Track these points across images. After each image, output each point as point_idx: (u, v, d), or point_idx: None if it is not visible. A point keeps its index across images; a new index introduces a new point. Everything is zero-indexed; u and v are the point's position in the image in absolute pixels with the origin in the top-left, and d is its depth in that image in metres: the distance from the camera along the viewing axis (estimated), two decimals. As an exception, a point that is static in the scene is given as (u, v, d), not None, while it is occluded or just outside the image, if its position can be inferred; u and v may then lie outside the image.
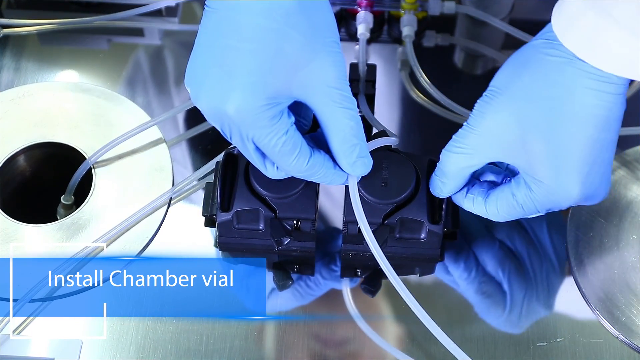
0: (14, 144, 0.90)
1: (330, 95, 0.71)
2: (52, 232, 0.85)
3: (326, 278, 0.84)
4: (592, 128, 0.71)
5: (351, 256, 0.84)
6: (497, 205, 0.77)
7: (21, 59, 0.98)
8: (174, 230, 0.86)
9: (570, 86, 0.71)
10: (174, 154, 0.91)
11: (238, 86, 0.69)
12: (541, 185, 0.73)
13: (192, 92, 0.72)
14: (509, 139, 0.73)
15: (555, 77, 0.71)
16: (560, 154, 0.72)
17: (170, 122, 0.92)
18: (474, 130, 0.74)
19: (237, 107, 0.69)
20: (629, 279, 0.83)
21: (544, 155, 0.72)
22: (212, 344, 0.80)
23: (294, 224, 0.80)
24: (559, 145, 0.71)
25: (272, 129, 0.71)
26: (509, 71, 0.74)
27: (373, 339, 0.81)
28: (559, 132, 0.71)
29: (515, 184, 0.75)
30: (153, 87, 0.97)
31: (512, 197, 0.75)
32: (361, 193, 0.79)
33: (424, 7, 1.00)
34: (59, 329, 0.80)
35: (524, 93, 0.72)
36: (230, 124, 0.71)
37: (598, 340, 0.80)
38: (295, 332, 0.80)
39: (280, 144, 0.71)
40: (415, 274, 0.84)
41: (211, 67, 0.70)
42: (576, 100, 0.71)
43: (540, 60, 0.72)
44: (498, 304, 0.82)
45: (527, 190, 0.74)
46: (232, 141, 0.73)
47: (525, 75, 0.72)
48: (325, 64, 0.71)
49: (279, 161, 0.73)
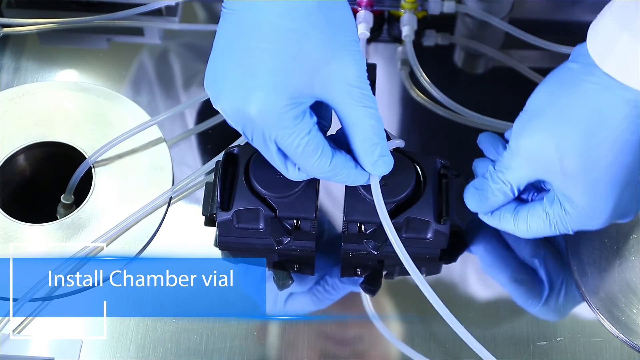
0: (13, 143, 0.90)
1: (351, 94, 0.71)
2: (52, 231, 0.85)
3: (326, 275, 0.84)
4: (627, 153, 0.72)
5: (351, 255, 0.84)
6: (528, 222, 0.78)
7: (21, 59, 0.98)
8: (174, 229, 0.86)
9: (606, 113, 0.72)
10: (174, 154, 0.91)
11: (260, 86, 0.69)
12: (575, 206, 0.75)
13: (212, 94, 0.71)
14: (547, 159, 0.75)
15: (591, 103, 0.72)
16: (595, 177, 0.73)
17: (171, 121, 0.92)
18: (514, 152, 0.76)
19: (260, 107, 0.69)
20: (628, 279, 0.83)
21: (580, 177, 0.74)
22: (212, 343, 0.80)
23: (294, 223, 0.80)
24: (594, 169, 0.73)
25: (295, 129, 0.71)
26: (546, 93, 0.75)
27: (374, 338, 0.81)
28: (595, 156, 0.73)
29: (548, 203, 0.77)
30: (153, 86, 0.97)
31: (545, 216, 0.77)
32: (361, 192, 0.79)
33: (424, 6, 1.00)
34: (59, 328, 0.80)
35: (560, 117, 0.74)
36: (253, 125, 0.70)
37: (598, 339, 0.80)
38: (295, 331, 0.80)
39: (303, 145, 0.71)
40: (422, 273, 0.84)
41: (232, 69, 0.70)
42: (612, 126, 0.72)
43: (577, 84, 0.73)
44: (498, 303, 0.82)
45: (560, 210, 0.76)
46: (254, 143, 0.72)
47: (562, 99, 0.74)
48: (346, 62, 0.70)
49: (302, 162, 0.73)
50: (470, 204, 0.80)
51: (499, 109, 0.94)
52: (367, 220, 0.79)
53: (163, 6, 1.01)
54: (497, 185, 0.78)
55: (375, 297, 0.83)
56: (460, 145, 0.92)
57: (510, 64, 0.99)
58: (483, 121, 0.93)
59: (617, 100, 0.71)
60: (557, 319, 0.82)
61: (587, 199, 0.75)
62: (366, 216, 0.79)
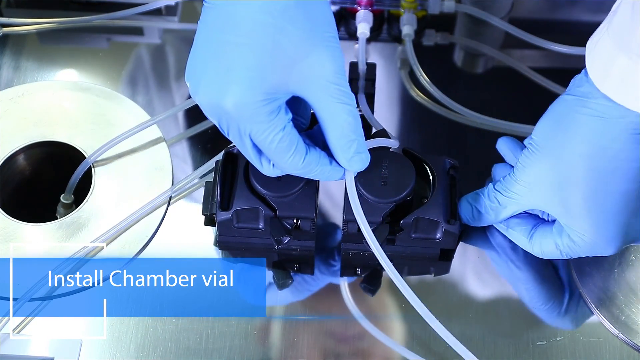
0: (13, 143, 0.90)
1: (328, 90, 0.71)
2: (51, 231, 0.85)
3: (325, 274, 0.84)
4: (626, 181, 0.73)
5: (351, 255, 0.84)
6: (542, 247, 0.80)
7: (21, 58, 0.98)
8: (174, 229, 0.86)
9: (602, 144, 0.72)
10: (174, 153, 0.91)
11: (236, 81, 0.69)
12: (582, 237, 0.76)
13: (191, 87, 0.72)
14: (547, 192, 0.76)
15: (587, 136, 0.73)
16: (598, 208, 0.74)
17: (170, 121, 0.92)
18: (517, 180, 0.78)
19: (235, 101, 0.69)
20: (628, 278, 0.83)
21: (582, 209, 0.75)
22: (211, 342, 0.80)
23: (293, 222, 0.80)
24: (596, 200, 0.74)
25: (269, 125, 0.71)
26: (545, 127, 0.76)
27: (375, 337, 0.81)
28: (595, 187, 0.73)
29: (557, 233, 0.78)
30: (153, 86, 0.97)
31: (555, 246, 0.78)
32: (361, 192, 0.79)
33: (424, 5, 1.00)
34: (59, 328, 0.80)
35: (559, 151, 0.74)
36: (228, 119, 0.71)
37: (598, 339, 0.80)
38: (295, 330, 0.80)
39: (277, 141, 0.71)
40: (430, 273, 0.84)
41: (209, 62, 0.70)
42: (610, 157, 0.72)
43: (572, 118, 0.74)
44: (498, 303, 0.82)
45: (569, 241, 0.77)
46: (230, 137, 0.73)
47: (559, 133, 0.75)
48: (323, 58, 0.70)
49: (275, 158, 0.73)
50: (464, 215, 0.82)
51: (498, 108, 0.94)
52: (367, 220, 0.79)
53: (163, 6, 1.01)
54: (493, 204, 0.80)
55: (375, 296, 0.83)
56: (460, 144, 0.92)
57: (510, 64, 0.99)
58: (483, 121, 0.93)
59: (613, 130, 0.72)
60: (557, 318, 0.82)
61: (592, 231, 0.75)
62: (366, 216, 0.79)
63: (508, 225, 0.81)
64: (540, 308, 0.82)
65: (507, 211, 0.80)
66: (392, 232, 0.80)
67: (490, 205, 0.80)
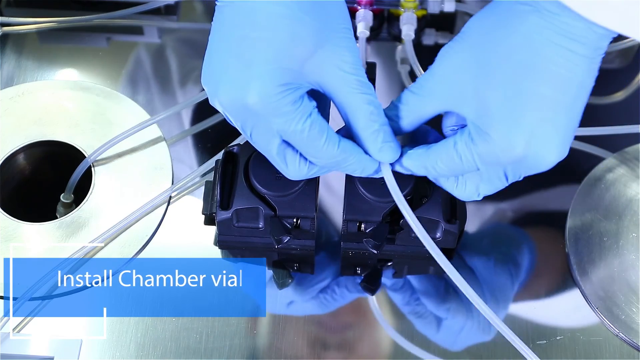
0: (13, 142, 0.90)
1: (347, 81, 0.71)
2: (51, 230, 0.85)
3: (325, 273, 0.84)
4: (547, 84, 0.68)
5: (351, 254, 0.84)
6: (436, 153, 0.73)
7: (21, 58, 0.98)
8: (174, 228, 0.86)
9: (530, 35, 0.67)
10: (174, 152, 0.91)
11: (257, 75, 0.69)
12: (484, 136, 0.69)
13: (209, 90, 0.71)
14: (462, 84, 0.70)
15: (516, 24, 0.68)
16: (509, 105, 0.68)
17: (170, 120, 0.92)
18: (432, 73, 0.72)
19: (258, 96, 0.69)
20: (628, 277, 0.83)
21: (493, 104, 0.68)
22: (211, 342, 0.80)
23: (293, 222, 0.80)
24: (508, 96, 0.68)
25: (296, 113, 0.70)
26: (476, 18, 0.71)
27: (375, 337, 0.81)
28: (511, 81, 0.68)
29: (460, 135, 0.72)
30: (153, 85, 0.97)
31: (452, 146, 0.72)
32: (360, 191, 0.79)
33: (424, 5, 1.00)
34: (59, 327, 0.80)
35: (482, 38, 0.69)
36: (254, 117, 0.70)
37: (598, 338, 0.80)
38: (295, 330, 0.80)
39: (307, 128, 0.70)
40: (430, 272, 0.84)
41: (229, 61, 0.70)
42: (533, 51, 0.67)
43: (506, 7, 0.69)
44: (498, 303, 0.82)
45: (468, 140, 0.71)
46: (254, 139, 0.72)
47: (488, 21, 0.70)
48: (340, 49, 0.70)
49: (309, 148, 0.71)
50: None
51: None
52: (367, 219, 0.79)
53: (162, 5, 1.01)
54: (406, 106, 0.73)
55: (375, 296, 0.83)
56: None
57: (510, 63, 0.99)
58: (483, 120, 0.92)
59: (545, 25, 0.67)
60: (557, 318, 0.82)
61: (496, 128, 0.69)
62: (366, 215, 0.79)
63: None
64: (540, 307, 0.82)
65: (414, 114, 0.73)
66: (392, 232, 0.80)
67: (403, 108, 0.73)
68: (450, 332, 0.81)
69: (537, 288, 0.83)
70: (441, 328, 0.81)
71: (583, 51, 0.67)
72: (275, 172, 0.80)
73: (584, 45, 0.66)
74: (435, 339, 0.80)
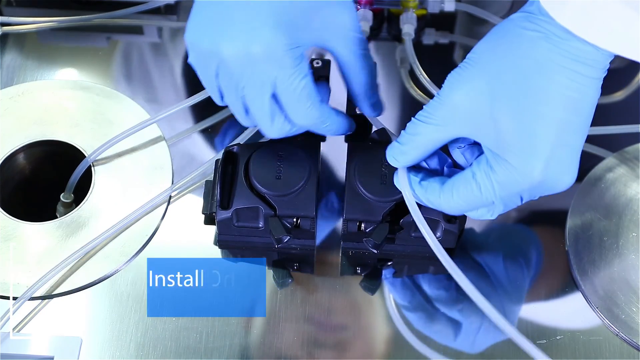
0: (13, 142, 0.90)
1: (350, 39, 0.75)
2: (51, 230, 0.85)
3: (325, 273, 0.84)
4: (561, 108, 0.69)
5: (351, 254, 0.84)
6: (454, 189, 0.74)
7: (21, 57, 0.98)
8: (174, 228, 0.86)
9: (542, 61, 0.69)
10: (174, 152, 0.91)
11: (266, 26, 0.71)
12: (503, 164, 0.71)
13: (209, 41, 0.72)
14: (477, 111, 0.71)
15: (528, 51, 0.69)
16: (525, 130, 0.69)
17: (170, 120, 0.92)
18: (443, 101, 0.73)
19: (266, 45, 0.71)
20: (628, 277, 0.83)
21: (509, 131, 0.70)
22: (211, 342, 0.80)
23: (293, 221, 0.80)
24: (524, 121, 0.69)
25: (295, 69, 0.73)
26: (485, 44, 0.72)
27: (375, 338, 0.81)
28: (526, 106, 0.69)
29: (477, 164, 0.73)
30: (153, 85, 0.97)
31: (471, 177, 0.73)
32: (360, 191, 0.79)
33: (424, 4, 1.00)
34: (59, 327, 0.80)
35: (495, 65, 0.70)
36: (254, 66, 0.72)
37: (598, 338, 0.80)
38: (296, 330, 0.80)
39: (301, 87, 0.73)
40: (430, 272, 0.84)
41: (233, 12, 0.72)
42: (547, 77, 0.69)
43: (515, 33, 0.70)
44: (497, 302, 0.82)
45: (487, 168, 0.72)
46: (248, 90, 0.73)
47: (499, 48, 0.71)
48: (343, 9, 0.75)
49: (295, 107, 0.74)
50: (390, 157, 0.76)
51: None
52: (367, 219, 0.79)
53: (162, 5, 1.01)
54: (413, 136, 0.74)
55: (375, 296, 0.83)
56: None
57: (510, 62, 0.99)
58: (483, 119, 0.92)
59: (555, 50, 0.68)
60: (557, 317, 0.82)
61: (515, 155, 0.70)
62: (366, 215, 0.79)
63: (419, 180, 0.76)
64: (540, 307, 0.82)
65: (427, 143, 0.74)
66: (392, 231, 0.80)
67: (416, 139, 0.74)
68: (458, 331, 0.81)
69: (537, 288, 0.83)
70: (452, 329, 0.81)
71: (592, 73, 0.69)
72: (275, 171, 0.80)
73: (592, 67, 0.69)
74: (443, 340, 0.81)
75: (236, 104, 0.76)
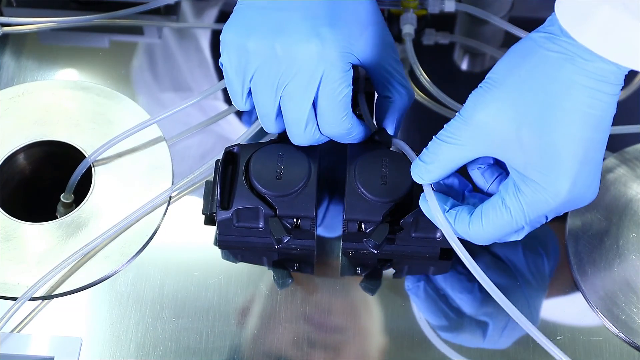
0: (13, 142, 0.90)
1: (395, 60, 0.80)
2: (52, 230, 0.85)
3: (325, 273, 0.84)
4: (586, 126, 0.70)
5: (351, 254, 0.84)
6: (484, 216, 0.74)
7: (21, 58, 0.98)
8: (174, 228, 0.86)
9: (567, 83, 0.70)
10: (174, 152, 0.91)
11: (325, 25, 0.74)
12: (530, 183, 0.72)
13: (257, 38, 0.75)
14: (502, 132, 0.72)
15: (553, 73, 0.70)
16: (552, 150, 0.71)
17: (170, 120, 0.92)
18: (467, 121, 0.73)
19: (323, 44, 0.74)
20: (628, 277, 0.83)
21: (535, 150, 0.71)
22: (211, 342, 0.80)
23: (293, 222, 0.80)
24: (551, 141, 0.71)
25: (343, 75, 0.75)
26: (507, 64, 0.73)
27: (375, 339, 0.81)
28: (553, 127, 0.70)
29: (504, 189, 0.74)
30: (153, 85, 0.97)
31: (500, 203, 0.74)
32: (360, 191, 0.79)
33: (424, 5, 1.00)
34: (59, 327, 0.80)
35: (520, 86, 0.71)
36: (303, 65, 0.74)
37: (598, 338, 0.80)
38: (295, 330, 0.80)
39: (343, 95, 0.76)
40: (430, 272, 0.84)
41: (292, 14, 0.74)
42: (572, 98, 0.70)
43: (539, 54, 0.71)
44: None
45: (515, 190, 0.73)
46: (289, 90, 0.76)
47: (523, 69, 0.72)
48: (388, 30, 0.80)
49: (332, 115, 0.77)
50: (415, 175, 0.77)
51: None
52: (367, 219, 0.79)
53: (162, 5, 1.01)
54: (436, 156, 0.75)
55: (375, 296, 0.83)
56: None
57: (510, 63, 0.99)
58: (483, 120, 0.92)
59: (579, 71, 0.69)
60: (557, 317, 0.82)
61: (542, 174, 0.71)
62: (366, 215, 0.79)
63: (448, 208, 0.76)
64: (540, 307, 0.82)
65: (452, 162, 0.75)
66: (392, 232, 0.80)
67: (439, 159, 0.75)
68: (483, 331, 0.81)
69: (537, 288, 0.83)
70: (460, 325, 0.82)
71: (612, 90, 0.70)
72: (276, 171, 0.80)
73: (613, 84, 0.70)
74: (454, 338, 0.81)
75: (269, 105, 0.77)
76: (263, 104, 0.78)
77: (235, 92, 0.78)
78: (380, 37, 0.78)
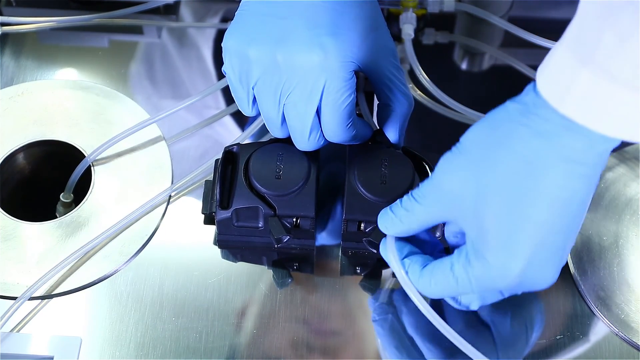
0: (13, 141, 0.90)
1: (394, 64, 0.79)
2: (51, 229, 0.85)
3: (325, 273, 0.84)
4: (547, 210, 0.67)
5: (351, 254, 0.84)
6: (432, 275, 0.72)
7: (20, 57, 0.98)
8: (174, 228, 0.86)
9: (533, 161, 0.67)
10: (173, 152, 0.91)
11: (327, 34, 0.73)
12: (482, 260, 0.69)
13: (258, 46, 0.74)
14: (464, 202, 0.70)
15: (518, 149, 0.67)
16: (507, 230, 0.68)
17: (170, 119, 0.92)
18: (434, 184, 0.72)
19: (325, 53, 0.74)
20: (628, 277, 0.83)
21: (491, 227, 0.68)
22: (211, 342, 0.80)
23: (293, 221, 0.80)
24: (507, 222, 0.67)
25: (346, 83, 0.75)
26: (478, 132, 0.70)
27: (375, 339, 0.81)
28: (511, 208, 0.67)
29: (457, 255, 0.72)
30: (152, 84, 0.97)
31: (449, 268, 0.71)
32: (360, 191, 0.79)
33: (424, 4, 1.00)
34: (59, 326, 0.80)
35: (484, 158, 0.69)
36: (306, 74, 0.74)
37: (597, 338, 0.80)
38: (295, 330, 0.80)
39: (347, 103, 0.75)
40: None
41: (297, 22, 0.74)
42: (536, 177, 0.67)
43: (508, 127, 0.68)
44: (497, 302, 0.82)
45: (466, 262, 0.70)
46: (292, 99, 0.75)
47: (490, 140, 0.69)
48: (389, 36, 0.78)
49: (336, 123, 0.76)
50: (381, 224, 0.76)
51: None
52: (367, 219, 0.79)
53: (162, 5, 1.01)
54: (407, 212, 0.73)
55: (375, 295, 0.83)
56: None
57: (510, 62, 0.99)
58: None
59: (550, 149, 0.66)
60: (557, 317, 0.82)
61: (493, 252, 0.68)
62: (366, 215, 0.79)
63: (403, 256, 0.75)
64: (539, 307, 0.82)
65: (418, 222, 0.73)
66: (391, 231, 0.80)
67: (404, 214, 0.74)
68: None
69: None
70: None
71: (584, 171, 0.67)
72: (275, 171, 0.80)
73: (584, 165, 0.66)
74: None
75: (273, 113, 0.77)
76: (267, 111, 0.78)
77: (240, 99, 0.78)
78: (382, 43, 0.77)
